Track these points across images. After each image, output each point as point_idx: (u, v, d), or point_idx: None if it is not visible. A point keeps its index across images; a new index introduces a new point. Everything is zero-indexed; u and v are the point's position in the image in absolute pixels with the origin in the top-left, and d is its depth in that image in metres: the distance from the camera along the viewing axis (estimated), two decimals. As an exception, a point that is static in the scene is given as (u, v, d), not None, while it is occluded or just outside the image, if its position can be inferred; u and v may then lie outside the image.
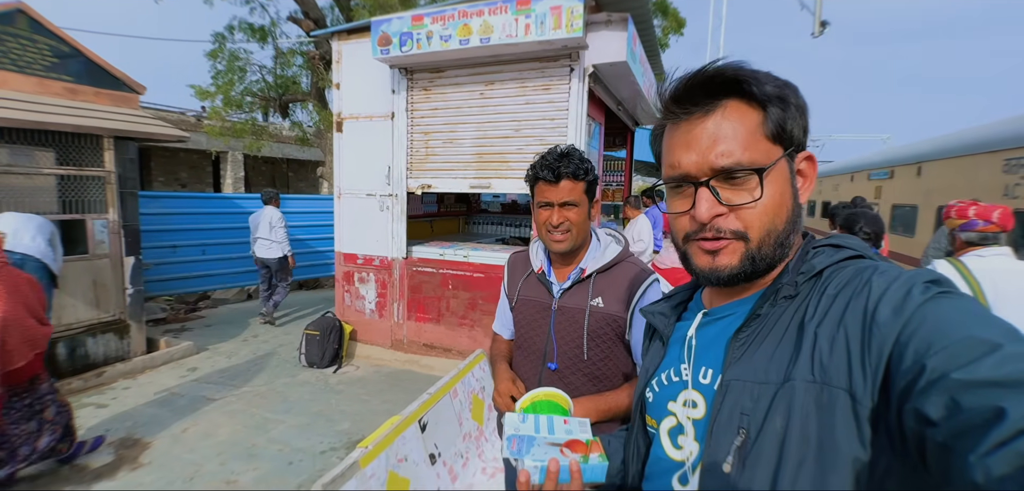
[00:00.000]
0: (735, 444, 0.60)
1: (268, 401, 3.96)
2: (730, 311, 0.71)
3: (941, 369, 0.43)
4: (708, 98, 0.64)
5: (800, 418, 0.54)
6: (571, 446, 0.83)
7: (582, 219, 1.33)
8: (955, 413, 0.41)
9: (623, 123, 6.19)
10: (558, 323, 1.36)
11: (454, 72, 4.40)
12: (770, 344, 0.61)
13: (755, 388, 0.60)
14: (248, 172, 14.28)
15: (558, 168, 1.29)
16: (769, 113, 0.63)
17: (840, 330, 0.55)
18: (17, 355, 2.51)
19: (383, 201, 4.82)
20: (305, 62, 10.47)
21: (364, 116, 4.84)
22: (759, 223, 0.64)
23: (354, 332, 5.05)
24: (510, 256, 1.60)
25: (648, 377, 0.81)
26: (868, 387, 0.51)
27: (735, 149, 0.63)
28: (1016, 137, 4.21)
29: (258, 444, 3.29)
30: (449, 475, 2.23)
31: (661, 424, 0.75)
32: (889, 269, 0.57)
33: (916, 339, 0.47)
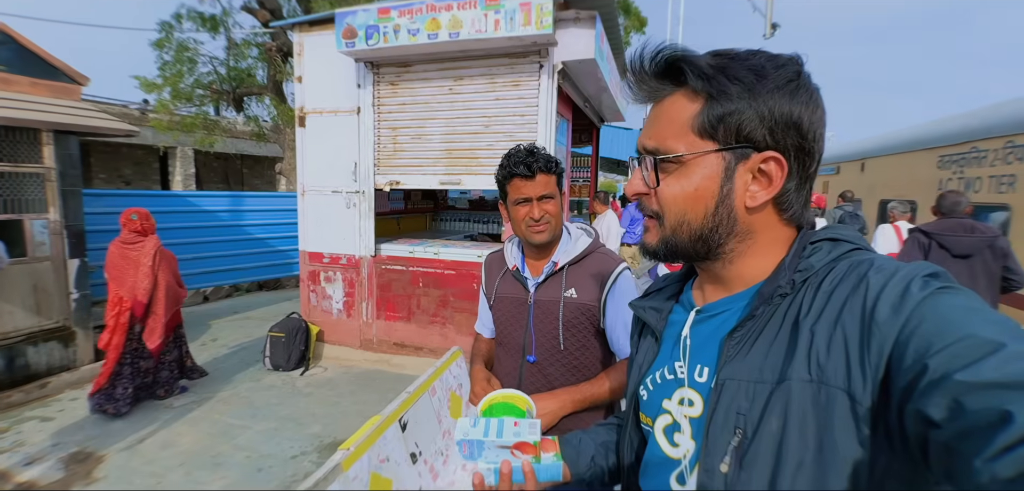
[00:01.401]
0: (732, 444, 0.59)
1: (232, 407, 3.81)
2: (724, 308, 0.70)
3: (943, 369, 0.42)
4: (663, 83, 0.66)
5: (798, 418, 0.54)
6: (520, 448, 0.84)
7: (558, 211, 1.39)
8: (959, 415, 0.40)
9: (589, 120, 6.29)
10: (536, 317, 1.40)
11: (422, 67, 4.35)
12: (764, 342, 0.61)
13: (750, 387, 0.59)
14: (199, 169, 13.60)
15: (532, 163, 1.33)
16: (709, 107, 0.62)
17: (837, 328, 0.54)
18: None
19: (350, 198, 4.71)
20: (261, 54, 10.04)
21: (329, 111, 4.71)
22: (669, 210, 0.66)
23: (321, 333, 4.92)
24: (487, 257, 1.63)
25: (641, 374, 0.80)
26: (868, 387, 0.50)
27: (660, 134, 0.65)
28: (948, 136, 4.56)
29: (223, 452, 3.16)
30: (430, 473, 2.22)
31: (656, 422, 0.74)
32: (886, 263, 0.56)
33: (916, 337, 0.46)
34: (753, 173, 0.63)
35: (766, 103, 0.60)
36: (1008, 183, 3.64)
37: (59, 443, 3.22)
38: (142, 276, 3.58)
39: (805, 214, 0.67)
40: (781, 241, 0.67)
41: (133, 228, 3.66)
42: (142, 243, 3.67)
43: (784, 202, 0.64)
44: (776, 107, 0.60)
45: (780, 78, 0.60)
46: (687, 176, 0.64)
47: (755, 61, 0.61)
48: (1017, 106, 3.73)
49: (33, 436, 3.32)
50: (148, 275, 3.60)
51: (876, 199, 5.94)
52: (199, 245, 7.00)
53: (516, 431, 0.85)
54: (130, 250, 3.65)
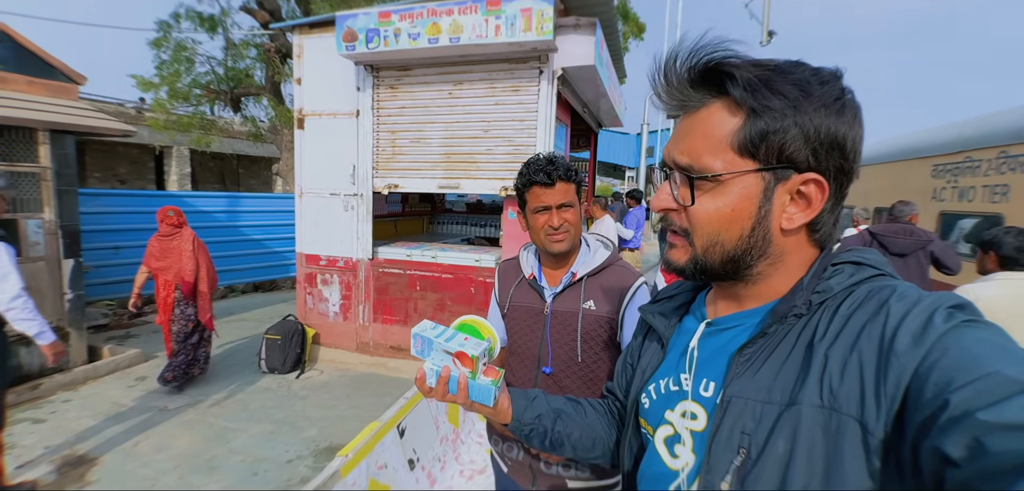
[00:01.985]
0: (735, 463, 0.57)
1: (227, 410, 3.79)
2: (736, 322, 0.68)
3: (965, 407, 0.41)
4: (698, 91, 0.61)
5: (806, 443, 0.52)
6: (460, 358, 0.85)
7: (577, 220, 1.36)
8: (980, 455, 0.39)
9: (587, 125, 6.31)
10: (553, 327, 1.38)
11: (422, 71, 4.35)
12: (775, 362, 0.59)
13: (758, 407, 0.57)
14: (195, 169, 13.54)
15: (552, 171, 1.31)
16: (751, 123, 0.58)
17: (853, 354, 0.52)
18: None
19: (348, 201, 4.70)
20: (259, 55, 10.02)
21: (328, 113, 4.71)
22: (701, 230, 0.63)
23: (317, 335, 4.90)
24: (500, 264, 1.61)
25: (644, 380, 0.79)
26: (882, 418, 0.48)
27: (695, 150, 0.61)
28: (942, 145, 4.60)
29: (219, 455, 3.14)
30: (428, 479, 2.22)
31: (657, 432, 0.73)
32: (908, 292, 0.54)
33: (937, 371, 0.45)
34: (792, 194, 0.60)
35: (812, 122, 0.56)
36: (1002, 193, 3.67)
37: (51, 447, 3.19)
38: (186, 260, 4.06)
39: (834, 233, 0.64)
40: (806, 262, 0.64)
41: (170, 222, 4.13)
42: (180, 234, 4.14)
43: (818, 224, 0.61)
44: (822, 126, 0.56)
45: (826, 95, 0.57)
46: (723, 195, 0.60)
47: (800, 75, 0.57)
48: (1011, 116, 3.77)
49: (25, 438, 3.29)
50: (191, 259, 4.08)
51: (871, 206, 5.98)
52: (195, 246, 6.96)
53: (463, 343, 0.86)
54: (170, 241, 4.10)
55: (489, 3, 3.76)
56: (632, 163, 22.24)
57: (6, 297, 2.38)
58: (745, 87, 0.57)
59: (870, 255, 0.63)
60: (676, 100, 0.63)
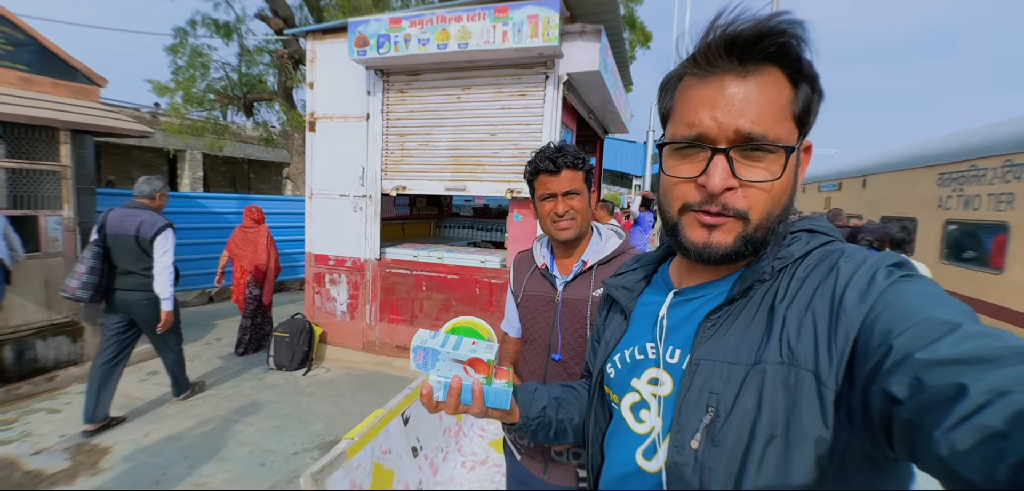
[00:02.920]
0: (704, 422, 0.59)
1: (236, 404, 3.86)
2: (702, 293, 0.70)
3: (905, 349, 0.45)
4: (749, 57, 0.58)
5: (770, 398, 0.55)
6: (474, 364, 0.80)
7: (584, 207, 1.38)
8: (919, 391, 0.42)
9: (593, 131, 6.37)
10: (563, 315, 1.39)
11: (431, 75, 4.45)
12: (741, 325, 0.61)
13: (725, 368, 0.60)
14: (207, 172, 13.78)
15: (558, 159, 1.33)
16: (800, 91, 0.59)
17: (808, 313, 0.56)
18: None
19: (356, 202, 4.79)
20: (273, 60, 10.23)
21: (338, 116, 4.81)
22: (763, 206, 0.61)
23: (324, 334, 4.98)
24: (515, 256, 1.63)
25: (609, 351, 0.80)
26: (833, 369, 0.52)
27: (765, 119, 0.58)
28: (948, 154, 4.61)
29: (227, 446, 3.21)
30: (430, 468, 2.27)
31: (623, 400, 0.74)
32: (855, 254, 0.58)
33: (880, 322, 0.49)
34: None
35: (820, 89, 0.60)
36: (1007, 201, 3.68)
37: (66, 435, 3.28)
38: (260, 250, 4.91)
39: None
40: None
41: (252, 217, 5.02)
42: (258, 229, 5.00)
43: None
44: (822, 93, 0.61)
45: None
46: (779, 165, 0.60)
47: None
48: (1016, 125, 3.79)
49: (41, 427, 3.38)
50: (264, 250, 4.92)
51: (878, 215, 5.98)
52: (206, 246, 7.09)
53: (473, 348, 0.82)
54: (249, 233, 4.98)
55: (497, 10, 3.85)
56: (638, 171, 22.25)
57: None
58: (808, 60, 0.59)
59: (821, 223, 0.67)
60: (731, 59, 0.59)
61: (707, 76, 0.61)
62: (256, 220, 5.03)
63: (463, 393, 0.79)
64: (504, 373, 0.85)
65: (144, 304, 3.34)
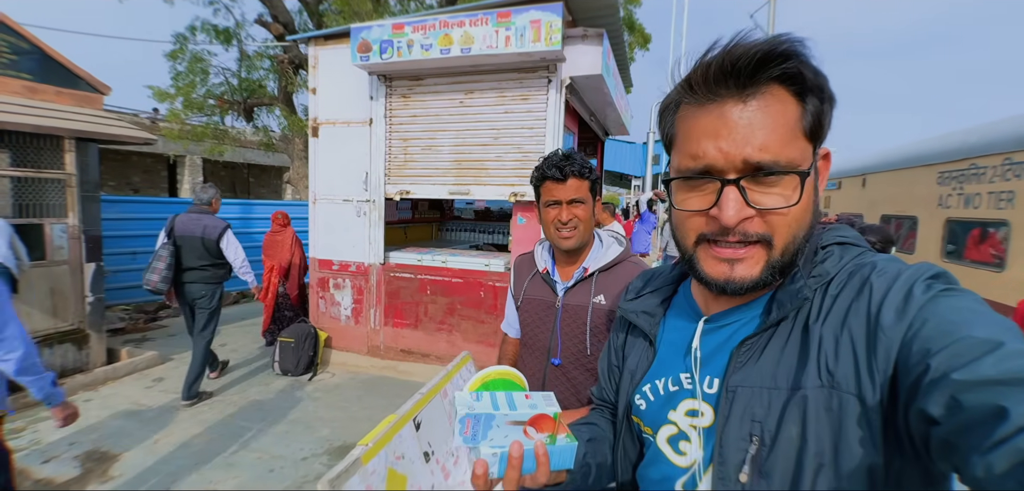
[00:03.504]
0: (750, 453, 0.57)
1: (243, 410, 3.88)
2: (735, 318, 0.66)
3: (943, 368, 0.43)
4: (748, 79, 0.55)
5: (814, 425, 0.53)
6: (536, 424, 0.67)
7: (588, 216, 1.38)
8: (957, 412, 0.41)
9: (594, 133, 6.40)
10: (563, 320, 1.41)
11: (434, 80, 4.47)
12: (775, 347, 0.59)
13: (764, 394, 0.57)
14: (207, 177, 13.77)
15: (565, 167, 1.34)
16: (808, 105, 0.56)
17: (844, 332, 0.54)
18: None
19: (360, 207, 4.81)
20: (273, 66, 10.24)
21: (341, 121, 4.83)
22: (786, 230, 0.57)
23: (329, 339, 4.99)
24: (516, 258, 1.64)
25: (636, 382, 0.76)
26: (877, 392, 0.50)
27: (774, 144, 0.55)
28: (948, 152, 4.63)
29: (236, 452, 3.22)
30: (442, 473, 2.28)
31: (659, 433, 0.71)
32: (887, 266, 0.56)
33: (919, 340, 0.47)
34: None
35: (831, 96, 0.57)
36: (1007, 199, 3.71)
37: (75, 443, 3.29)
38: (285, 250, 5.43)
39: None
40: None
41: (279, 222, 5.55)
42: (285, 231, 5.53)
43: None
44: (834, 99, 0.58)
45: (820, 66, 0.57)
46: (795, 187, 0.57)
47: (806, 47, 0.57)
48: (1015, 123, 3.82)
49: (49, 435, 3.39)
50: (288, 250, 5.43)
51: (878, 214, 6.01)
52: (209, 252, 7.11)
53: (531, 404, 0.68)
54: (277, 236, 5.50)
55: (499, 15, 3.88)
56: (638, 171, 22.31)
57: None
58: (809, 68, 0.55)
59: (850, 233, 0.65)
60: (724, 87, 0.56)
61: (706, 103, 0.57)
62: (282, 224, 5.56)
63: (526, 461, 0.64)
64: (563, 426, 0.71)
65: (204, 293, 3.97)
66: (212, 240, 3.90)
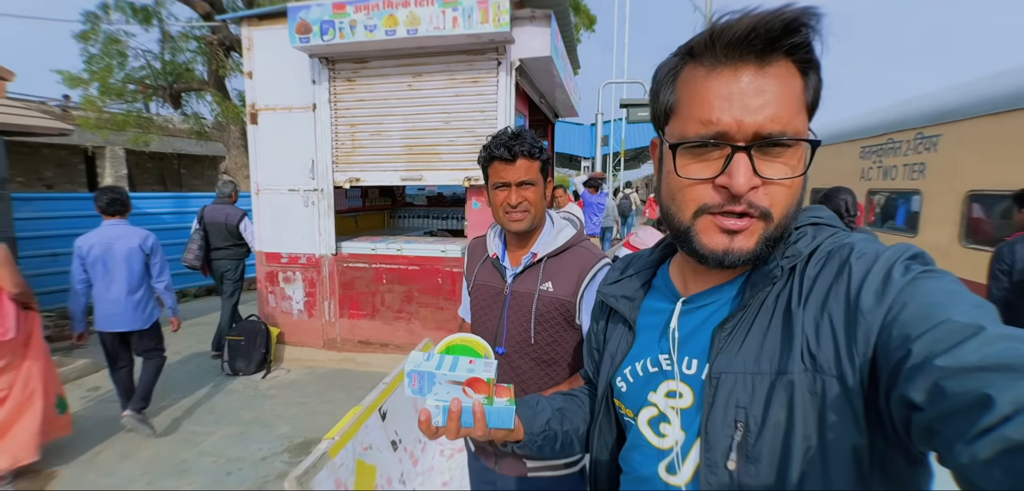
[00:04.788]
0: (735, 439, 0.57)
1: (192, 414, 3.70)
2: (712, 298, 0.67)
3: (924, 353, 0.43)
4: (767, 48, 0.55)
5: (801, 408, 0.53)
6: (473, 385, 0.77)
7: (539, 198, 1.33)
8: (940, 399, 0.41)
9: (544, 115, 6.45)
10: (510, 308, 1.36)
11: (379, 63, 4.34)
12: (758, 331, 0.59)
13: (748, 379, 0.57)
14: (132, 170, 12.76)
15: (513, 146, 1.27)
16: (809, 80, 0.57)
17: (824, 316, 0.54)
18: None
19: (308, 196, 4.64)
20: (200, 47, 9.54)
21: (282, 107, 4.61)
22: (785, 202, 0.58)
23: (281, 334, 4.83)
24: (470, 241, 1.59)
25: (616, 365, 0.77)
26: (857, 374, 0.50)
27: (784, 115, 0.55)
28: (869, 129, 5.04)
29: (188, 459, 3.08)
30: (410, 460, 2.30)
31: (639, 415, 0.72)
32: (866, 248, 0.56)
33: (899, 324, 0.47)
34: None
35: (821, 73, 0.57)
36: (919, 170, 4.10)
37: (1, 464, 3.02)
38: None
39: None
40: None
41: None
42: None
43: None
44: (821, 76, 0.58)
45: None
46: (799, 160, 0.57)
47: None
48: (925, 101, 4.22)
49: (-31, 459, 3.10)
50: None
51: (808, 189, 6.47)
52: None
53: (470, 368, 0.79)
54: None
55: (447, -5, 3.81)
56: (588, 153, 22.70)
57: None
58: (819, 48, 0.55)
59: (823, 212, 0.66)
60: (748, 51, 0.55)
61: (718, 67, 0.56)
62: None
63: (463, 416, 0.75)
64: (505, 390, 0.80)
65: (229, 268, 4.83)
66: (233, 225, 4.73)
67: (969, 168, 3.64)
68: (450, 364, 0.80)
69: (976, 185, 3.55)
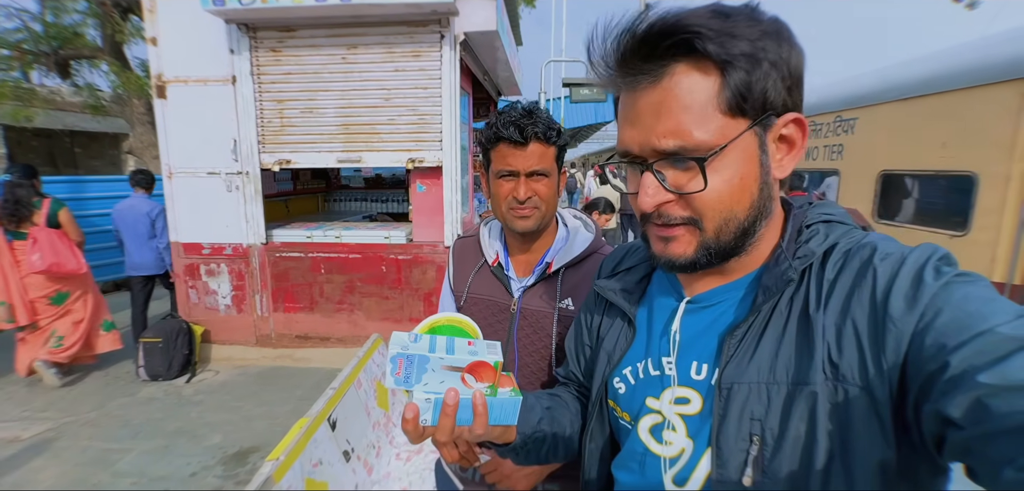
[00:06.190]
0: (752, 454, 0.54)
1: (104, 429, 3.28)
2: (718, 299, 0.63)
3: (964, 366, 0.40)
4: (654, 60, 0.53)
5: (823, 421, 0.50)
6: (475, 371, 0.63)
7: (551, 193, 1.11)
8: (984, 418, 0.38)
9: (487, 93, 6.28)
10: (521, 329, 1.14)
11: (309, 32, 3.97)
12: (771, 339, 0.55)
13: (763, 390, 0.54)
14: (13, 148, 11.11)
15: (526, 127, 1.05)
16: (728, 78, 0.51)
17: (847, 322, 0.51)
18: None
19: (231, 180, 4.21)
20: (91, 8, 8.36)
21: (195, 79, 4.12)
22: (713, 212, 0.55)
23: (207, 333, 4.40)
24: (456, 242, 1.33)
25: (613, 364, 0.72)
26: (886, 386, 0.47)
27: (681, 128, 0.52)
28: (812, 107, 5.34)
29: (102, 481, 2.73)
30: (364, 468, 2.15)
31: (640, 421, 0.67)
32: (889, 248, 0.53)
33: (932, 332, 0.44)
34: (775, 141, 0.56)
35: (783, 59, 0.52)
36: (838, 151, 4.41)
37: None
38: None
39: (791, 180, 0.65)
40: (779, 219, 0.62)
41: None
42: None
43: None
44: (790, 61, 0.53)
45: (775, 29, 0.53)
46: (729, 166, 0.54)
47: (744, 12, 0.53)
48: (844, 86, 4.52)
49: None
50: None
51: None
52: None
53: (471, 350, 0.64)
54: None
55: (384, -39, 3.53)
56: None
57: None
58: (716, 40, 0.50)
59: (836, 210, 0.61)
60: (625, 73, 0.55)
61: (624, 89, 0.57)
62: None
63: (461, 411, 0.61)
64: (507, 380, 0.67)
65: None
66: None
67: (882, 149, 3.95)
68: (445, 346, 0.64)
69: (888, 165, 3.87)
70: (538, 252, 1.17)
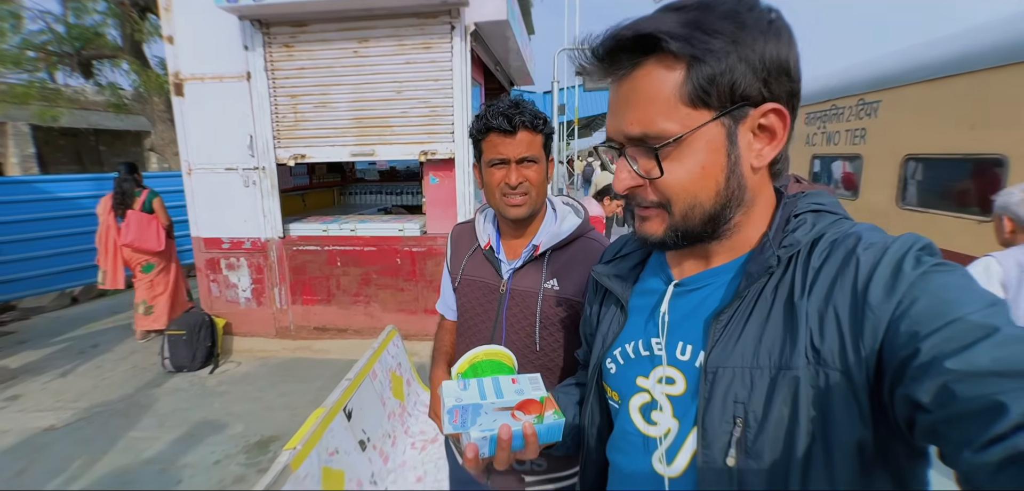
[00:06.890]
0: (735, 436, 0.56)
1: (132, 419, 3.40)
2: (706, 282, 0.66)
3: (933, 353, 0.42)
4: (629, 58, 0.58)
5: (805, 404, 0.52)
6: (524, 407, 0.72)
7: (541, 179, 1.18)
8: (949, 402, 0.40)
9: (499, 84, 6.26)
10: (509, 308, 1.20)
11: (320, 26, 4.00)
12: (755, 324, 0.57)
13: (747, 374, 0.56)
14: (41, 148, 11.47)
15: (514, 116, 1.11)
16: (692, 72, 0.54)
17: (829, 308, 0.52)
18: None
19: (248, 175, 4.28)
20: (111, 8, 8.53)
21: (211, 76, 4.18)
22: (677, 197, 0.59)
23: (228, 325, 4.51)
24: (454, 228, 1.40)
25: (607, 346, 0.75)
26: (863, 369, 0.49)
27: (645, 117, 0.57)
28: (813, 95, 5.20)
29: (131, 468, 2.83)
30: (380, 458, 2.19)
31: (630, 400, 0.70)
32: (873, 237, 0.54)
33: (907, 319, 0.46)
34: (754, 131, 0.58)
35: (755, 51, 0.54)
36: (860, 136, 4.28)
37: (-98, 495, 2.67)
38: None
39: (787, 168, 0.64)
40: (769, 207, 0.64)
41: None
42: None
43: (778, 158, 0.60)
44: (766, 53, 0.54)
45: (759, 21, 0.55)
46: (690, 155, 0.57)
47: (726, 7, 0.55)
48: (865, 68, 4.37)
49: None
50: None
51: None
52: (56, 239, 6.02)
53: (517, 389, 0.73)
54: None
55: (394, -47, 3.52)
56: (539, 117, 22.52)
57: None
58: (677, 37, 0.54)
59: (826, 199, 0.63)
60: (604, 69, 0.61)
61: (611, 84, 0.63)
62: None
63: (515, 441, 0.70)
64: (551, 403, 0.75)
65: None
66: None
67: (906, 133, 3.82)
68: (493, 389, 0.74)
69: (913, 149, 3.75)
70: (528, 236, 1.24)
